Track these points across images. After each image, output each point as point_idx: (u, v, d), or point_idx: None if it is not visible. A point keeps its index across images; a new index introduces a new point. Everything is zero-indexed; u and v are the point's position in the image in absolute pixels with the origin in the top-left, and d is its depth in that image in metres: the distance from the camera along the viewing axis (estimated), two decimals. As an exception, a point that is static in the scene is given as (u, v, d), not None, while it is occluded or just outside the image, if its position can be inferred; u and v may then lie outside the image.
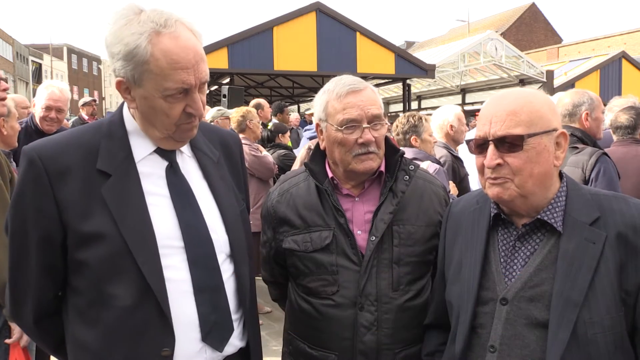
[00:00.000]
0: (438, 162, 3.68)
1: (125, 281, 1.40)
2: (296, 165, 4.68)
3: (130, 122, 1.53)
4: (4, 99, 2.84)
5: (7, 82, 2.92)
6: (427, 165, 3.39)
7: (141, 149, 1.52)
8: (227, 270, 1.57)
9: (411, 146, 3.73)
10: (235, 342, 1.59)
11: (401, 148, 3.62)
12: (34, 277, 1.47)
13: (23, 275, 1.48)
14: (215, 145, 1.71)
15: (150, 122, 1.48)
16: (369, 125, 1.80)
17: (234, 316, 1.58)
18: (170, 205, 1.50)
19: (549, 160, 1.45)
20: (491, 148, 1.46)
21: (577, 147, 3.25)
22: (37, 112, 4.02)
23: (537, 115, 1.44)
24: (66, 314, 1.51)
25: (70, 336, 1.50)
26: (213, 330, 1.51)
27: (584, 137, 3.33)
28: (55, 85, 4.10)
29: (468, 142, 1.57)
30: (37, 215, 1.42)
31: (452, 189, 3.59)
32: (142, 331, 1.41)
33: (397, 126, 3.83)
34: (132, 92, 1.45)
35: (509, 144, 1.43)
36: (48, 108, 3.98)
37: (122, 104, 1.58)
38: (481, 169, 1.51)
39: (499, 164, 1.45)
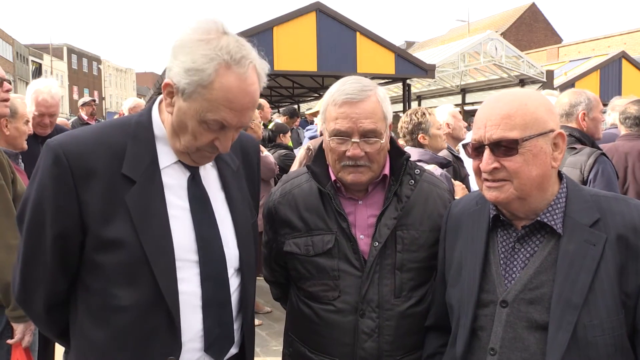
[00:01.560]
0: (446, 163, 3.62)
1: (139, 289, 1.41)
2: (295, 166, 4.65)
3: (159, 127, 1.52)
4: (6, 99, 2.83)
5: (10, 83, 2.90)
6: (432, 169, 3.34)
7: (166, 156, 1.52)
8: (233, 283, 1.60)
9: (420, 145, 3.65)
10: (232, 350, 1.63)
11: (407, 148, 3.62)
12: (48, 271, 1.48)
13: (37, 268, 1.49)
14: (236, 153, 1.71)
15: (177, 133, 1.48)
16: (358, 140, 1.74)
17: (235, 326, 1.61)
18: (189, 218, 1.51)
19: (546, 162, 1.45)
20: (487, 152, 1.45)
21: (575, 148, 3.25)
22: (30, 115, 3.95)
23: (532, 117, 1.43)
24: (75, 310, 1.52)
25: (77, 332, 1.51)
26: (215, 343, 1.54)
27: (582, 138, 3.33)
28: (45, 90, 3.92)
29: (464, 145, 1.57)
30: (57, 213, 1.41)
31: (462, 190, 3.53)
32: (150, 338, 1.44)
33: (401, 127, 3.74)
34: (174, 98, 1.44)
35: (504, 147, 1.43)
36: (41, 114, 3.89)
37: (151, 106, 1.57)
38: (478, 172, 1.51)
39: (495, 168, 1.45)
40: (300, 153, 4.69)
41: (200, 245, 1.50)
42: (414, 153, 3.53)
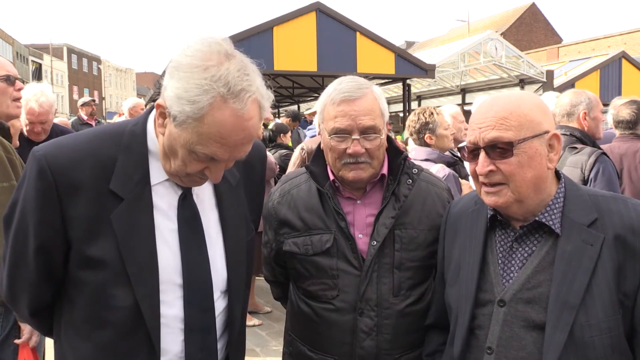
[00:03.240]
0: (453, 162, 3.62)
1: (120, 309, 1.37)
2: (290, 167, 4.62)
3: (153, 142, 1.44)
4: (19, 98, 2.75)
5: (22, 82, 2.82)
6: (437, 170, 3.31)
7: (158, 172, 1.44)
8: (219, 306, 1.53)
9: (427, 144, 3.62)
10: None
11: (414, 147, 3.63)
12: (32, 279, 1.44)
13: (21, 274, 1.46)
14: (237, 166, 1.56)
15: (167, 155, 1.40)
16: (358, 137, 1.76)
17: (219, 346, 1.55)
18: (176, 240, 1.45)
19: (542, 163, 1.45)
20: (482, 155, 1.46)
21: (576, 147, 3.26)
22: (22, 122, 3.84)
23: (527, 119, 1.43)
24: (59, 318, 1.49)
25: (62, 337, 1.49)
26: None
27: (583, 137, 3.34)
28: (33, 99, 3.80)
29: (460, 149, 1.57)
30: (40, 226, 1.36)
31: (469, 189, 3.50)
32: (129, 357, 1.40)
33: (409, 126, 3.73)
34: (166, 120, 1.34)
35: (499, 150, 1.43)
36: (31, 122, 3.84)
37: (147, 115, 1.48)
38: (475, 176, 1.51)
39: (491, 171, 1.45)
40: (294, 155, 4.66)
41: (186, 268, 1.44)
42: (421, 152, 3.53)
